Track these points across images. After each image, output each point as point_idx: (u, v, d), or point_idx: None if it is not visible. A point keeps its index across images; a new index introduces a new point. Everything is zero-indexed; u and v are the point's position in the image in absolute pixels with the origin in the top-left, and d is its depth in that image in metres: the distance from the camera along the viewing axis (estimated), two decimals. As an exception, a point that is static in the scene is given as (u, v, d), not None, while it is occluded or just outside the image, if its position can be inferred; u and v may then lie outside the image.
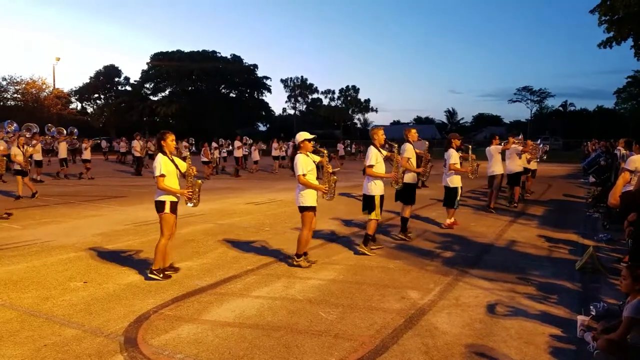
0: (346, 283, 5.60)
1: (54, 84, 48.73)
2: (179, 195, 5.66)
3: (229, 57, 67.86)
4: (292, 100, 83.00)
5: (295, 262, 6.26)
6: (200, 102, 61.24)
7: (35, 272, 5.95)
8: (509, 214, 10.82)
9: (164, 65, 64.13)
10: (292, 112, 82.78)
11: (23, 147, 12.55)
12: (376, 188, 6.78)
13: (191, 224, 9.32)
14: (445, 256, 6.93)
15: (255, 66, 69.35)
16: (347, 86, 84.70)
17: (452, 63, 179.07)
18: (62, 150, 19.77)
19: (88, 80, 67.64)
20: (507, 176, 11.69)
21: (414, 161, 7.77)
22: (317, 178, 6.27)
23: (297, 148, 6.29)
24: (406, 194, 7.88)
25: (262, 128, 75.61)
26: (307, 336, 4.09)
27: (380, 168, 6.83)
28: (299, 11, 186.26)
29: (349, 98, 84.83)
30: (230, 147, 25.12)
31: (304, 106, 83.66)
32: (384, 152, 6.98)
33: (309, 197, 6.11)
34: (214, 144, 23.04)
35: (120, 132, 35.44)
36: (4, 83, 51.26)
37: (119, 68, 69.34)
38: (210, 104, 61.47)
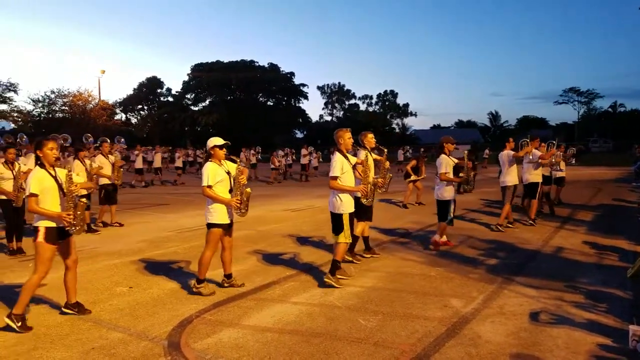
0: (385, 290, 5.54)
1: (100, 96, 50.47)
2: (56, 219, 4.46)
3: (266, 65, 68.95)
4: (329, 106, 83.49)
5: (195, 289, 5.40)
6: (238, 111, 62.39)
7: (83, 278, 6.15)
8: (555, 219, 10.46)
9: (204, 76, 65.73)
10: (329, 118, 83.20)
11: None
12: (343, 204, 5.60)
13: (231, 231, 9.45)
14: (489, 263, 6.76)
15: (292, 74, 70.21)
16: (385, 91, 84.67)
17: (495, 65, 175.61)
18: (157, 160, 22.24)
19: (132, 92, 70.07)
20: (523, 187, 9.97)
21: (371, 172, 6.32)
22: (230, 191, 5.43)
23: (208, 156, 5.49)
24: (363, 209, 6.51)
25: (299, 135, 76.21)
26: (347, 343, 4.06)
27: (347, 179, 5.67)
28: (334, 18, 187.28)
29: (387, 103, 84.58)
30: (294, 156, 28.56)
31: (341, 112, 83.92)
32: (353, 159, 5.91)
33: (218, 213, 5.28)
34: (280, 152, 25.43)
35: (163, 142, 36.55)
36: (53, 96, 53.52)
37: (161, 79, 71.53)
38: (248, 112, 62.51)
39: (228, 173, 5.39)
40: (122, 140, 20.06)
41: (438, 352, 3.86)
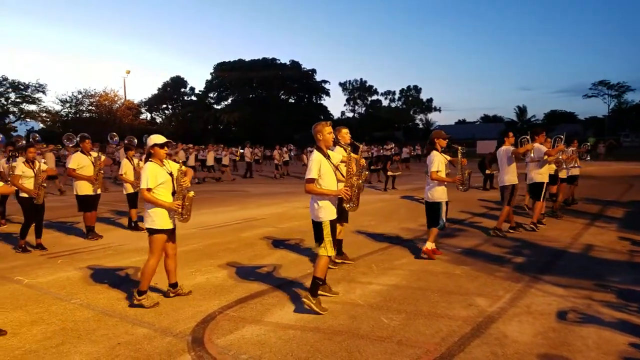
0: (409, 289, 5.47)
1: (125, 96, 51.42)
2: None
3: (287, 63, 69.19)
4: (351, 103, 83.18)
5: (136, 301, 4.95)
6: (260, 109, 62.81)
7: (110, 275, 6.27)
8: (584, 216, 10.20)
9: (227, 75, 66.33)
10: (351, 115, 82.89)
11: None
12: (322, 210, 4.83)
13: (253, 228, 9.49)
14: (516, 262, 6.62)
15: (314, 71, 70.39)
16: (408, 86, 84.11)
17: (523, 58, 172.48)
18: (210, 158, 23.56)
19: (156, 92, 71.14)
20: (527, 187, 9.37)
21: (343, 169, 5.47)
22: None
23: (149, 155, 5.07)
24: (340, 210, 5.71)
25: (321, 132, 76.12)
26: (369, 341, 4.02)
27: (327, 181, 4.86)
28: (355, 14, 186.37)
29: (410, 98, 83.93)
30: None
31: (363, 109, 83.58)
32: (337, 157, 5.19)
33: (159, 218, 4.91)
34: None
35: (187, 141, 37.11)
36: (80, 96, 54.72)
37: (185, 79, 72.42)
38: (270, 110, 62.86)
39: (170, 174, 4.98)
40: (116, 139, 20.05)
41: (463, 352, 3.79)
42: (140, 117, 62.25)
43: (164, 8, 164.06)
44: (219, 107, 69.97)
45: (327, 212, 4.86)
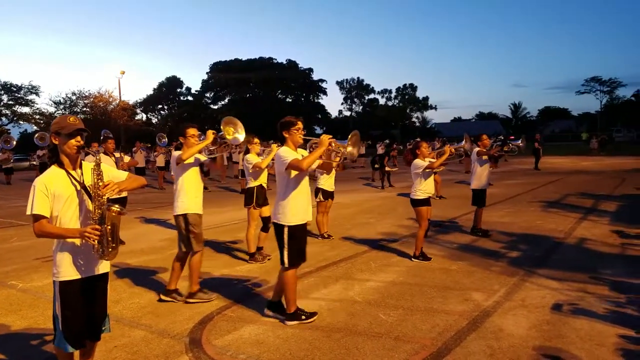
0: (406, 285, 5.52)
1: (120, 97, 51.02)
2: None
3: (284, 62, 69.12)
4: (348, 101, 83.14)
5: None
6: (257, 108, 62.72)
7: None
8: (578, 210, 10.27)
9: (223, 75, 66.18)
10: (348, 113, 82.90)
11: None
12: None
13: (251, 228, 9.49)
14: (511, 256, 6.68)
15: (311, 70, 70.33)
16: (405, 84, 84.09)
17: (517, 55, 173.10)
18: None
19: (152, 92, 70.84)
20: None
21: None
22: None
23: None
24: None
25: (318, 131, 76.13)
26: (367, 338, 4.06)
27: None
28: (352, 12, 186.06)
29: (406, 97, 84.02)
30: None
31: (360, 107, 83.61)
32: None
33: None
34: None
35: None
36: (74, 97, 54.27)
37: (181, 79, 72.11)
38: (267, 110, 62.81)
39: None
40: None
41: (459, 346, 3.83)
42: (136, 118, 61.88)
43: (159, 8, 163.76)
44: (215, 107, 69.82)
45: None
